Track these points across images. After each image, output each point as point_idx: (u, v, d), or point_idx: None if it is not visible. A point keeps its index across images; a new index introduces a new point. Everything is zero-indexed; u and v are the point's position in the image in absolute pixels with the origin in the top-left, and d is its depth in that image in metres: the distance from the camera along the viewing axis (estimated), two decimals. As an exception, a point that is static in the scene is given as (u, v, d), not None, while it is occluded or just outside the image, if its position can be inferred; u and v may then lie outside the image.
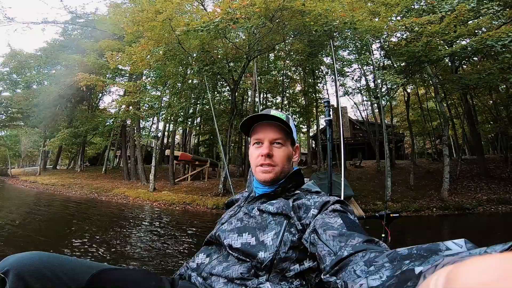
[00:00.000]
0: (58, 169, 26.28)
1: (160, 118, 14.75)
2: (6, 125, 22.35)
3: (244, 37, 10.50)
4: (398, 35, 11.28)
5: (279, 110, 0.96)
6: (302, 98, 20.96)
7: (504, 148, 16.70)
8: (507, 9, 10.90)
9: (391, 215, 2.14)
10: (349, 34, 8.81)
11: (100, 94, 24.19)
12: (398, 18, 10.29)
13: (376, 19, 9.02)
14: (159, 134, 15.92)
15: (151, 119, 19.87)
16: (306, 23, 7.18)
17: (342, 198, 2.54)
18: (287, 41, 11.14)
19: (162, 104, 13.21)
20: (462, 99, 14.88)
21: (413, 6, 10.52)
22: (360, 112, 27.05)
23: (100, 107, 25.19)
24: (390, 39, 9.68)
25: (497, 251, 0.27)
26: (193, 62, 8.89)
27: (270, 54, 14.68)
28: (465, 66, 14.37)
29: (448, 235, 7.53)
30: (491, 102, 17.27)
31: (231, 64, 10.36)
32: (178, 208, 10.50)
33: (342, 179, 2.73)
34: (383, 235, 2.08)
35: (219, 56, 10.29)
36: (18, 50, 19.68)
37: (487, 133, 20.38)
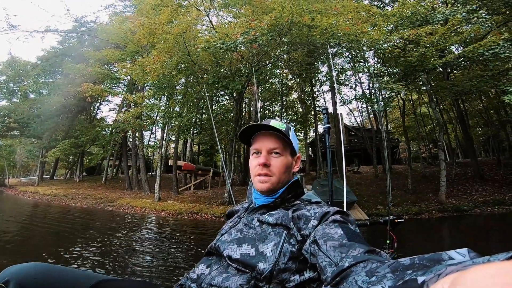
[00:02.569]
0: (55, 179, 26.07)
1: (166, 127, 14.89)
2: (3, 135, 22.15)
3: (244, 48, 10.79)
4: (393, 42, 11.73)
5: (280, 120, 1.00)
6: (299, 106, 21.43)
7: (496, 151, 17.27)
8: (495, 16, 11.50)
9: (396, 220, 2.14)
10: (351, 45, 9.16)
11: (98, 104, 24.23)
12: (391, 27, 10.76)
13: (370, 28, 9.42)
14: (161, 144, 16.00)
15: (151, 128, 20.04)
16: (313, 37, 7.54)
17: (345, 203, 2.64)
18: (288, 51, 11.49)
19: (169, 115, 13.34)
20: (454, 104, 15.38)
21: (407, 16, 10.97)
22: (355, 118, 27.65)
23: (97, 116, 25.25)
24: (386, 48, 10.07)
25: (500, 259, 0.27)
26: (205, 76, 9.15)
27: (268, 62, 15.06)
28: (456, 72, 14.92)
29: (451, 236, 7.89)
30: (481, 106, 17.91)
31: (236, 74, 10.63)
32: (187, 217, 10.61)
33: (344, 185, 2.82)
34: (387, 241, 2.09)
35: (223, 68, 10.58)
36: (16, 58, 19.72)
37: (479, 137, 21.01)
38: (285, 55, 12.01)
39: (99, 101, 22.86)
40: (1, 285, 0.61)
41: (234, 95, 11.45)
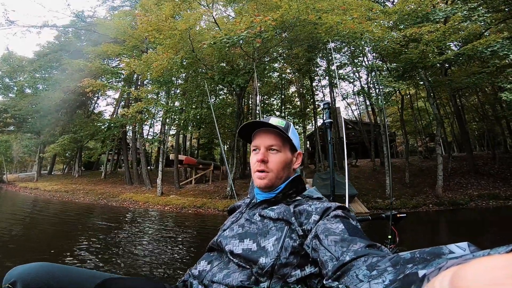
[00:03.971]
0: (53, 174, 26.00)
1: (167, 120, 14.92)
2: (0, 130, 21.97)
3: (243, 42, 10.85)
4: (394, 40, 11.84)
5: (280, 117, 0.99)
6: (297, 99, 21.55)
7: (492, 145, 17.58)
8: (494, 13, 11.62)
9: (398, 215, 2.09)
10: (354, 42, 9.25)
11: (96, 98, 24.08)
12: (391, 23, 10.86)
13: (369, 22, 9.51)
14: (163, 138, 16.05)
15: (152, 122, 20.07)
16: (318, 35, 7.63)
17: (347, 197, 2.75)
18: (290, 47, 11.55)
19: (175, 109, 13.37)
20: (451, 99, 15.59)
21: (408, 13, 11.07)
22: (352, 112, 27.85)
23: (95, 111, 25.12)
24: (388, 46, 10.18)
25: (500, 253, 0.27)
26: (209, 71, 9.20)
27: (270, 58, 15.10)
28: (453, 68, 15.09)
29: (449, 229, 8.14)
30: (477, 101, 18.15)
31: (238, 69, 10.69)
32: (190, 212, 10.71)
33: (346, 179, 2.90)
34: (389, 236, 2.05)
35: (226, 64, 10.63)
36: (12, 53, 19.49)
37: (474, 131, 21.33)
38: (286, 50, 12.04)
39: (97, 96, 22.76)
40: (8, 286, 0.62)
41: (236, 90, 11.54)
